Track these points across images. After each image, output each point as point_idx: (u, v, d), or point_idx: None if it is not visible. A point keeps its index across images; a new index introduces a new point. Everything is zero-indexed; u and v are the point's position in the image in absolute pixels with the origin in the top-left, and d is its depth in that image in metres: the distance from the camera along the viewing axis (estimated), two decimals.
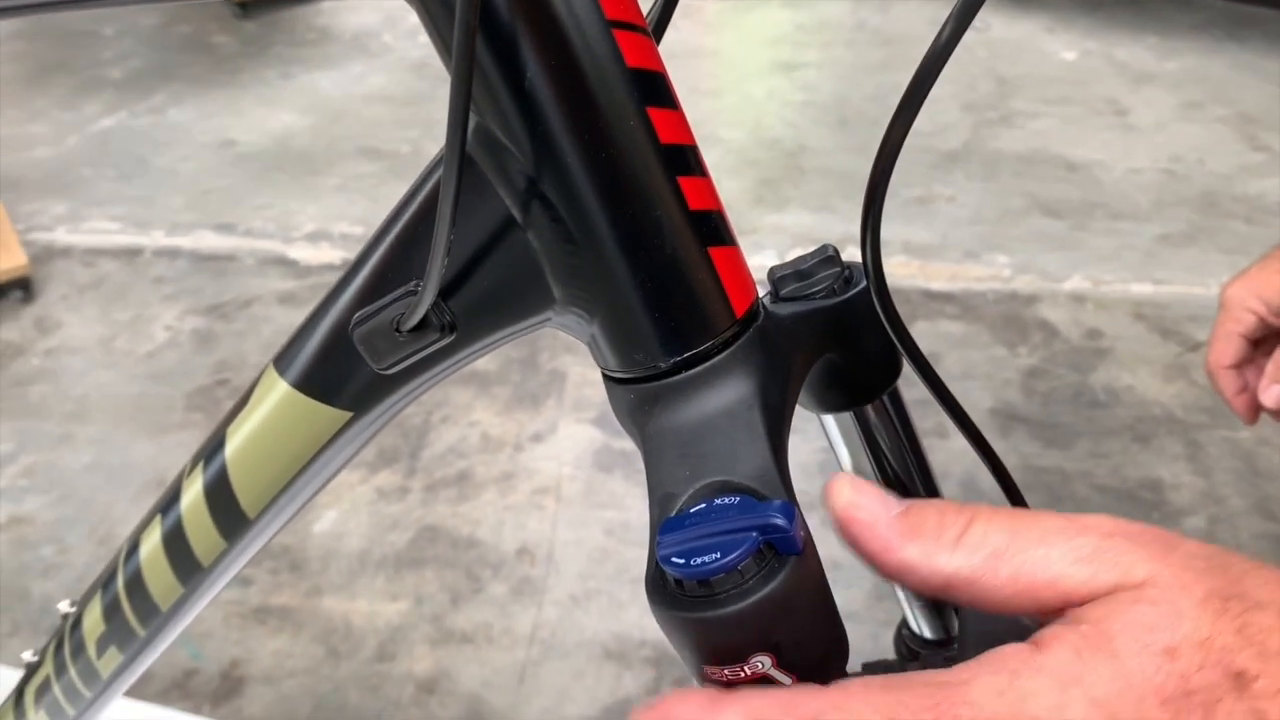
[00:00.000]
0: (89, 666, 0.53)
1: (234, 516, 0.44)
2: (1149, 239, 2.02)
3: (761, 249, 2.03)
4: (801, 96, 2.65)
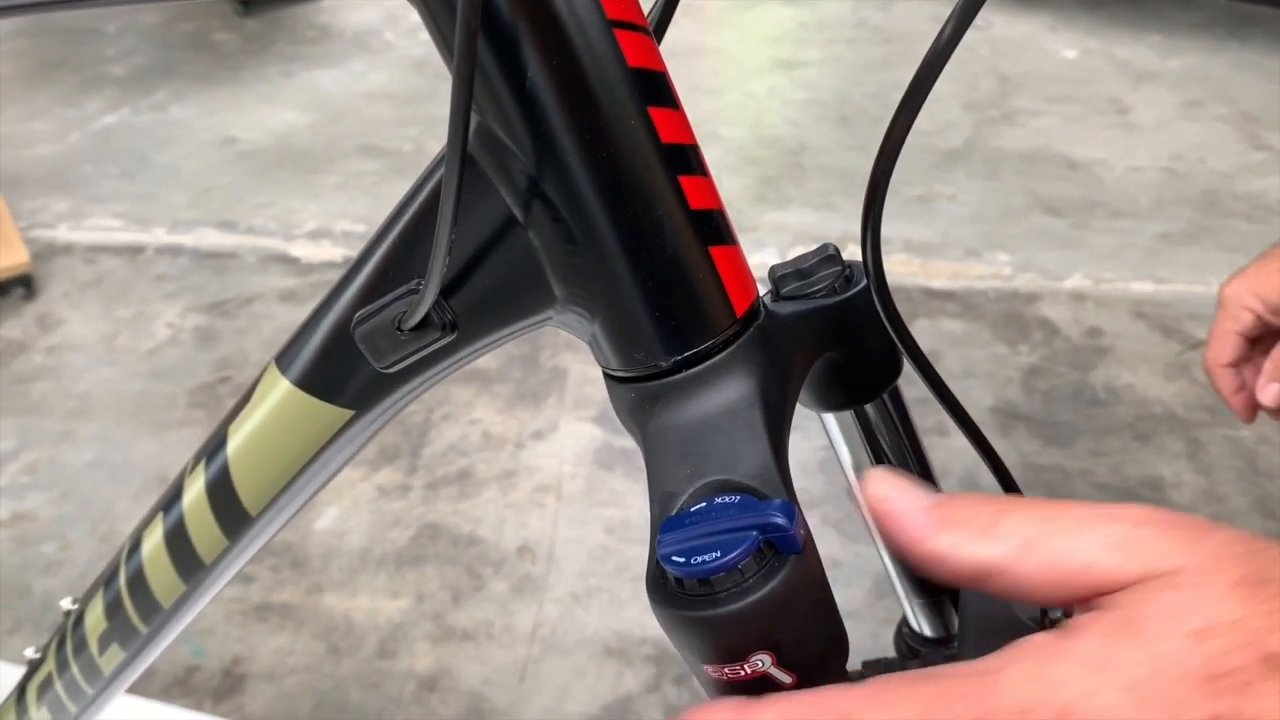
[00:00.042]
0: (91, 663, 0.53)
1: (236, 514, 0.44)
2: (1150, 237, 2.02)
3: (762, 247, 2.03)
4: (802, 94, 2.64)
